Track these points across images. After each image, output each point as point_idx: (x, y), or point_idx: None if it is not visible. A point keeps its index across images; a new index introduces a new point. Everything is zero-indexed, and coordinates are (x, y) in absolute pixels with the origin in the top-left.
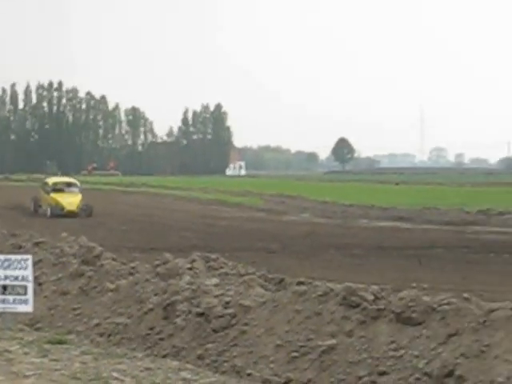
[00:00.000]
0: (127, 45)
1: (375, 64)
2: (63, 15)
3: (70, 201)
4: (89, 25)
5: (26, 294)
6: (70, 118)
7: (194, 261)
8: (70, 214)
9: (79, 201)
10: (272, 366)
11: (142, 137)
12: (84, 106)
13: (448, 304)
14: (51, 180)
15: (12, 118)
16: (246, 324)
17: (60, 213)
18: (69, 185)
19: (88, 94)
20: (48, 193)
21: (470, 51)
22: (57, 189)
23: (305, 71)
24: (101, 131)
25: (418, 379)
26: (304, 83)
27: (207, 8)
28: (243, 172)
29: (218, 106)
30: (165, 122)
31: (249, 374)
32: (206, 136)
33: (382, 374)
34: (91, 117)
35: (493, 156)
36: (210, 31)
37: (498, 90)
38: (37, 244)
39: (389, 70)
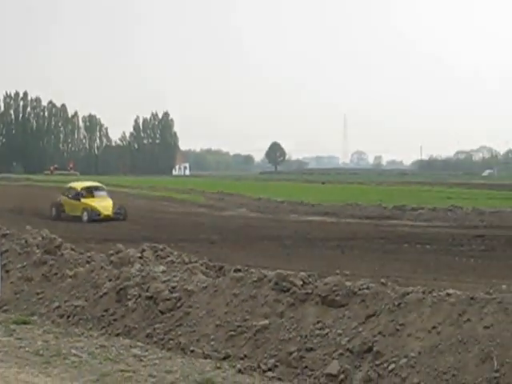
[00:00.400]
0: (85, 58)
1: (303, 78)
2: (29, 30)
3: (104, 205)
4: (54, 39)
5: None
6: (34, 124)
7: (143, 250)
8: (107, 219)
9: (112, 205)
10: (212, 343)
11: (97, 141)
12: (46, 114)
13: (367, 288)
14: (79, 185)
15: None
16: (189, 306)
17: (96, 218)
18: (97, 189)
19: (50, 102)
20: (77, 198)
21: (388, 68)
22: (87, 194)
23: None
24: (61, 136)
25: (341, 354)
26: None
27: (158, 22)
28: (187, 172)
29: (166, 114)
30: (118, 127)
31: (192, 351)
32: (155, 140)
33: (310, 350)
34: (53, 123)
35: (407, 158)
36: (159, 46)
37: (411, 103)
38: (4, 235)
39: (315, 84)
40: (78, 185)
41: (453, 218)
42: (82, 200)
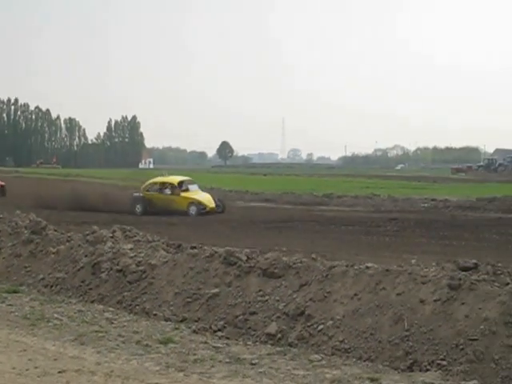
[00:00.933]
0: (66, 67)
1: (244, 91)
2: (15, 44)
3: (208, 198)
4: (40, 48)
5: None
6: (23, 125)
7: (114, 231)
8: (211, 211)
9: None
10: (172, 308)
11: (76, 139)
12: (34, 117)
13: (300, 262)
14: (174, 179)
15: None
16: (152, 277)
17: (203, 211)
18: (190, 182)
19: (36, 107)
20: (175, 193)
21: (318, 79)
22: (184, 188)
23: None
24: (46, 135)
25: (278, 317)
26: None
27: (138, 31)
28: (152, 166)
29: (134, 117)
30: (94, 128)
31: (155, 315)
32: (125, 139)
33: (253, 313)
34: (39, 124)
35: (333, 155)
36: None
37: (337, 108)
38: None
39: (257, 93)
40: (173, 179)
41: (371, 204)
42: (183, 194)
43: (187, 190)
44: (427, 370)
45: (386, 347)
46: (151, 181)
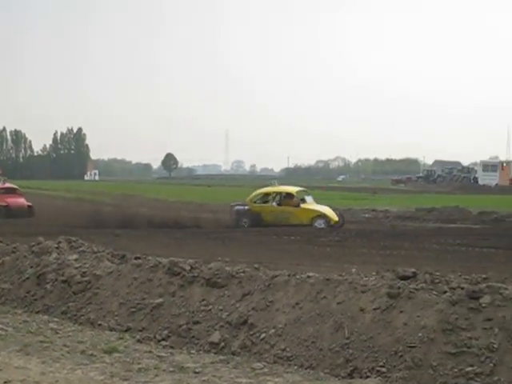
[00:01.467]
0: (12, 79)
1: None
2: None
3: (329, 211)
4: None
5: None
6: None
7: (59, 242)
8: (335, 225)
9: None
10: (116, 318)
11: (22, 151)
12: None
13: (243, 272)
14: (292, 189)
15: None
16: (97, 288)
17: (327, 226)
18: (305, 193)
19: None
20: (294, 204)
21: (262, 92)
22: (301, 200)
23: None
24: None
25: (221, 326)
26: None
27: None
28: (97, 178)
29: (80, 129)
30: (40, 140)
31: (99, 324)
32: (70, 151)
33: (196, 322)
34: None
35: (276, 166)
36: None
37: (281, 121)
38: None
39: (201, 104)
40: (291, 189)
41: None
42: (305, 206)
43: (304, 201)
44: (367, 376)
45: (326, 355)
46: (260, 191)
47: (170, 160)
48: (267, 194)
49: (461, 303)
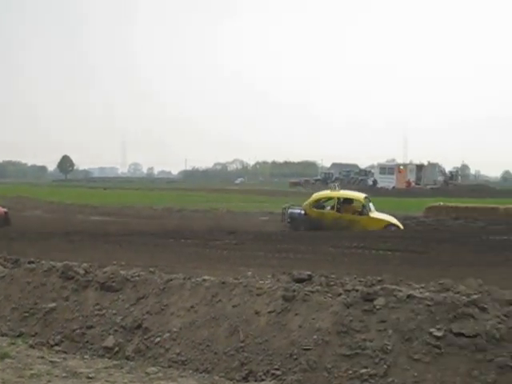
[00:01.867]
0: None
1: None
2: None
3: (393, 219)
4: None
5: None
6: None
7: None
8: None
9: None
10: (8, 323)
11: None
12: None
13: (138, 276)
14: (359, 196)
15: None
16: None
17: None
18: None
19: None
20: (361, 212)
21: (161, 94)
22: (362, 205)
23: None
24: None
25: (116, 331)
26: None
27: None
28: None
29: None
30: None
31: None
32: None
33: (90, 327)
34: None
35: (174, 169)
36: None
37: (183, 126)
38: None
39: (101, 107)
40: (358, 196)
41: (210, 218)
42: (373, 215)
43: (369, 209)
44: (262, 379)
45: (221, 358)
46: (319, 195)
47: (66, 162)
48: (329, 199)
49: (355, 305)
